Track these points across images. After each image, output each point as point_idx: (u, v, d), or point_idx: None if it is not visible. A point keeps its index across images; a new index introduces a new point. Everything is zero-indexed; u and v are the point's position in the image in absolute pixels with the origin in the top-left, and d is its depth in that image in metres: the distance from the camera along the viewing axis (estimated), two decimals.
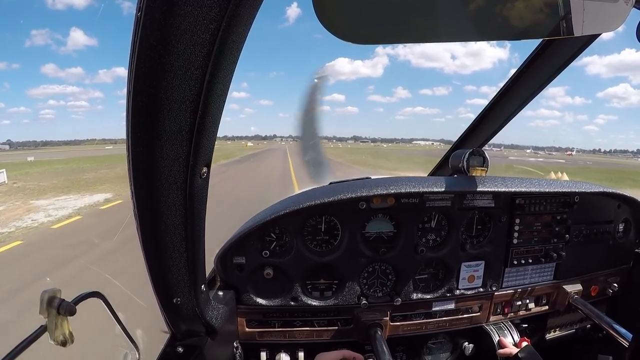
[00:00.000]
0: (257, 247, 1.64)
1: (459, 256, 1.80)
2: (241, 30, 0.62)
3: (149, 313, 1.37)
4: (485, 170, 1.70)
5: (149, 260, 0.98)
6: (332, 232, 1.70)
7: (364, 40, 0.59)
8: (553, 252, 1.91)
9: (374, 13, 0.55)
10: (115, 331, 1.11)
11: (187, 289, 1.09)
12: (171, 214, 0.86)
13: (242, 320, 1.70)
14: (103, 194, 16.44)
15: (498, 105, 2.15)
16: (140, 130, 0.70)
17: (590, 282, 2.05)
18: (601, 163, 78.36)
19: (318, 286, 1.74)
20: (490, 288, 1.87)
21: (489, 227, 1.83)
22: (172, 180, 0.79)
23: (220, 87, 0.69)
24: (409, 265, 1.76)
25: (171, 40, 0.58)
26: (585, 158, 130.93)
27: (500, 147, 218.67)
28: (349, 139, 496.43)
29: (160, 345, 1.28)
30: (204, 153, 0.79)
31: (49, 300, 0.81)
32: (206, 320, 1.26)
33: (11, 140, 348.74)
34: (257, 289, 1.70)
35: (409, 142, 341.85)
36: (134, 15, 0.57)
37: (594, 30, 0.69)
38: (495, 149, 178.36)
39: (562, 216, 1.91)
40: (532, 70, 1.86)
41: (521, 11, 0.61)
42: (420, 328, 1.85)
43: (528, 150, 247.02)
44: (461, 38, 0.62)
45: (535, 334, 2.07)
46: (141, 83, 0.63)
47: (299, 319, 1.75)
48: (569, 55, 1.72)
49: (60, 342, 0.81)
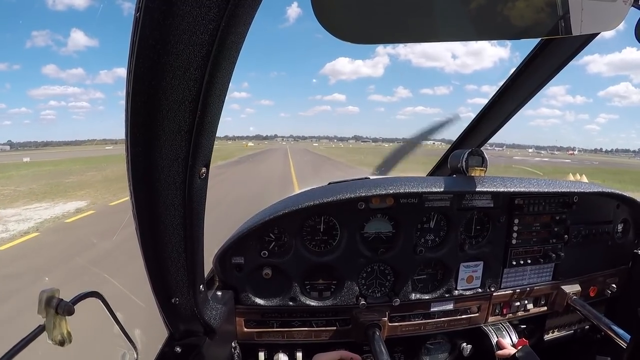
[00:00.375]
0: (255, 247, 1.64)
1: (458, 256, 1.80)
2: (240, 30, 0.62)
3: (146, 313, 1.36)
4: (484, 170, 1.70)
5: (148, 260, 0.98)
6: (330, 233, 1.69)
7: (363, 40, 0.59)
8: (552, 253, 1.91)
9: (373, 13, 0.55)
10: (114, 331, 1.11)
11: (185, 289, 1.09)
12: (170, 214, 0.86)
13: (241, 320, 1.70)
14: (77, 202, 14.52)
15: (497, 104, 2.15)
16: (140, 130, 0.70)
17: (589, 283, 2.05)
18: (608, 163, 77.04)
19: (317, 286, 1.74)
20: (489, 289, 1.87)
21: (488, 227, 1.83)
22: (171, 180, 0.79)
23: (219, 87, 0.69)
24: (408, 266, 1.76)
25: (170, 41, 0.58)
26: (588, 157, 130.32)
27: (502, 147, 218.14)
28: (350, 138, 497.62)
29: (158, 345, 1.28)
30: (203, 153, 0.79)
31: (47, 299, 0.81)
32: (204, 320, 1.26)
33: (12, 140, 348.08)
34: (255, 289, 1.69)
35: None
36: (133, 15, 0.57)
37: (592, 30, 0.70)
38: (498, 149, 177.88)
39: (561, 216, 1.91)
40: (530, 69, 1.86)
41: (520, 11, 0.61)
42: (418, 328, 1.84)
43: (530, 150, 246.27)
44: (460, 38, 0.62)
45: (533, 334, 2.07)
46: (140, 83, 0.63)
47: (298, 319, 1.74)
48: (568, 55, 1.73)
49: (58, 342, 0.81)
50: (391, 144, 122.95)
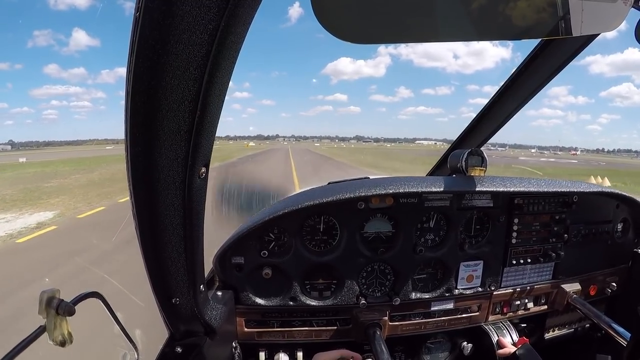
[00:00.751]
0: (255, 247, 1.64)
1: (458, 256, 1.80)
2: (240, 30, 0.62)
3: (147, 313, 1.36)
4: (484, 170, 1.70)
5: (148, 260, 0.98)
6: (330, 232, 1.70)
7: (363, 40, 0.59)
8: (552, 252, 1.91)
9: (373, 13, 0.55)
10: (114, 331, 1.11)
11: (185, 289, 1.09)
12: (170, 214, 0.86)
13: (241, 320, 1.70)
14: (46, 213, 12.67)
15: (497, 104, 2.15)
16: (139, 130, 0.70)
17: (589, 282, 2.05)
18: (614, 163, 75.97)
19: (317, 286, 1.74)
20: (489, 288, 1.87)
21: (488, 227, 1.83)
22: (171, 180, 0.79)
23: (219, 87, 0.69)
24: (408, 265, 1.76)
25: (170, 41, 0.58)
26: (592, 158, 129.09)
27: (505, 147, 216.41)
28: (351, 138, 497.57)
29: (159, 345, 1.28)
30: (202, 153, 0.79)
31: (48, 300, 0.80)
32: (205, 320, 1.26)
33: (13, 140, 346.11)
34: (255, 289, 1.70)
35: (412, 142, 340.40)
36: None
37: (593, 30, 0.70)
38: (501, 149, 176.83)
39: (561, 216, 1.91)
40: (531, 70, 1.86)
41: (521, 11, 0.61)
42: (419, 328, 1.85)
43: (533, 150, 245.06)
44: (461, 38, 0.62)
45: (534, 333, 2.07)
46: (140, 83, 0.63)
47: (298, 319, 1.75)
48: (568, 55, 1.73)
49: (59, 343, 0.81)
50: (393, 144, 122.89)
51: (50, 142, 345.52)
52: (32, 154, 78.02)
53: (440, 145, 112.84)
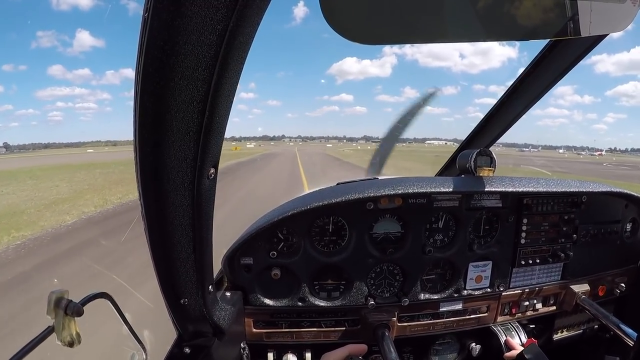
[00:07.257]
0: (264, 248, 1.64)
1: (467, 256, 1.79)
2: (248, 30, 0.62)
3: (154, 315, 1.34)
4: (493, 170, 1.69)
5: (157, 261, 0.99)
6: (339, 233, 1.69)
7: (372, 41, 0.58)
8: (560, 252, 1.89)
9: (381, 13, 0.54)
10: (123, 332, 1.12)
11: (194, 289, 1.09)
12: (179, 214, 0.86)
13: (250, 321, 1.70)
14: None
15: (505, 105, 2.14)
16: (148, 131, 0.70)
17: (598, 282, 2.03)
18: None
19: (325, 287, 1.74)
20: (498, 288, 1.86)
21: (497, 227, 1.82)
22: (180, 181, 0.79)
23: (227, 88, 0.69)
24: (417, 266, 1.76)
25: (178, 41, 0.58)
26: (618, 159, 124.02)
27: (538, 148, 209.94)
28: (359, 139, 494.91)
29: (167, 346, 1.28)
30: (211, 154, 0.79)
31: (57, 301, 0.81)
32: (213, 321, 1.26)
33: (8, 143, 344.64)
34: (264, 290, 1.70)
35: (422, 142, 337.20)
36: (140, 16, 0.57)
37: (601, 31, 0.69)
38: (534, 150, 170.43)
39: (570, 216, 1.89)
40: (539, 70, 1.85)
41: (529, 12, 0.61)
42: (427, 329, 1.84)
43: (560, 150, 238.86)
44: (469, 38, 0.62)
45: (542, 334, 2.06)
46: (148, 84, 0.63)
47: (307, 319, 1.75)
48: (577, 56, 1.71)
49: (67, 343, 0.82)
50: (403, 144, 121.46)
51: (50, 144, 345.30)
52: (23, 158, 74.20)
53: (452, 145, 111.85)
